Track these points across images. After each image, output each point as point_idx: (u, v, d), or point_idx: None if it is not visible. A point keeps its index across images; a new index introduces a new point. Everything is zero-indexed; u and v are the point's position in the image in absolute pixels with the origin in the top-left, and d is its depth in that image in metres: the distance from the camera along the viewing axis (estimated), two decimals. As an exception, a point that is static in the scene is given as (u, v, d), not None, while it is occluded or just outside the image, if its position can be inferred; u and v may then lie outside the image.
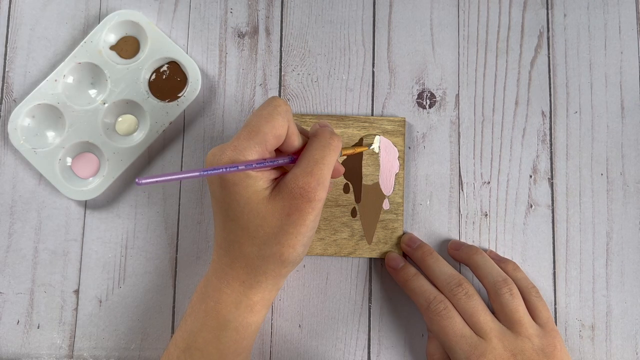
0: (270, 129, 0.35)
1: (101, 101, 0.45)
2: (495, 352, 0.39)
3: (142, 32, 0.46)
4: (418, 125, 0.47)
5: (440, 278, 0.42)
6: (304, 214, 0.35)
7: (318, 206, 0.36)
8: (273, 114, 0.36)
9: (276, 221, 0.35)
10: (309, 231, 0.36)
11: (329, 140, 0.37)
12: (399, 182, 0.46)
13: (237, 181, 0.35)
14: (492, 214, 0.46)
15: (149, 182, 0.31)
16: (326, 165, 0.36)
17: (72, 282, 0.45)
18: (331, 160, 0.36)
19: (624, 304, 0.45)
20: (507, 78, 0.48)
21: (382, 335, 0.45)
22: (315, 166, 0.36)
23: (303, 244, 0.37)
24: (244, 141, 0.35)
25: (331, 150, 0.37)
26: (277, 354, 0.45)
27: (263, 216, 0.36)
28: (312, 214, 0.35)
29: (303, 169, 0.36)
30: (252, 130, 0.35)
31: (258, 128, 0.35)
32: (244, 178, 0.35)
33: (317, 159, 0.36)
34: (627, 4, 0.49)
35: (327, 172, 0.36)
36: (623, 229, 0.46)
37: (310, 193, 0.35)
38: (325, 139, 0.37)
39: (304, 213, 0.35)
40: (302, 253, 0.37)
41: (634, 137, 0.47)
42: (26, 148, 0.45)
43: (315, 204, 0.35)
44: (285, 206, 0.35)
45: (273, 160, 0.36)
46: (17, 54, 0.48)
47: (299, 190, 0.35)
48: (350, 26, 0.48)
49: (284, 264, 0.37)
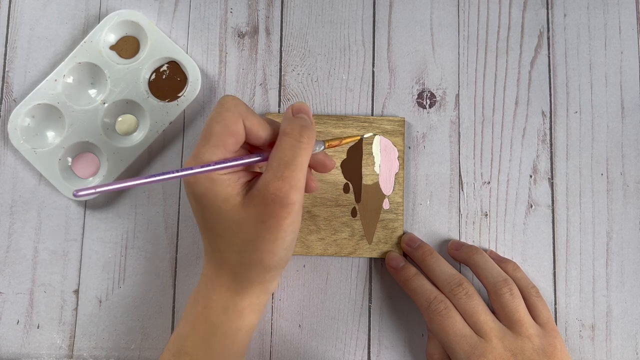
0: (222, 128, 0.34)
1: (101, 101, 0.45)
2: (495, 352, 0.39)
3: (142, 32, 0.46)
4: (418, 125, 0.47)
5: (440, 278, 0.42)
6: (280, 219, 0.34)
7: (294, 209, 0.34)
8: (221, 112, 0.35)
9: (252, 228, 0.34)
10: (288, 235, 0.35)
11: (299, 139, 0.35)
12: (399, 182, 0.46)
13: (204, 191, 0.34)
14: (492, 214, 0.46)
15: (87, 194, 0.31)
16: (298, 166, 0.34)
17: (72, 282, 0.45)
18: (303, 160, 0.35)
19: (624, 304, 0.45)
20: (507, 78, 0.48)
21: (382, 335, 0.45)
22: (286, 169, 0.34)
23: (284, 248, 0.36)
24: (201, 148, 0.34)
25: (301, 150, 0.34)
26: (277, 354, 0.44)
27: (238, 224, 0.35)
28: (288, 219, 0.34)
29: (274, 173, 0.34)
30: (206, 135, 0.35)
31: (211, 131, 0.34)
32: (211, 186, 0.34)
33: (288, 161, 0.34)
34: (627, 4, 0.49)
35: (299, 173, 0.34)
36: (623, 229, 0.46)
37: (283, 199, 0.34)
38: (294, 137, 0.35)
39: (279, 218, 0.34)
40: (284, 257, 0.36)
41: (634, 137, 0.47)
42: (26, 148, 0.45)
43: (291, 208, 0.34)
44: (260, 213, 0.34)
45: (238, 159, 0.35)
46: (17, 53, 0.48)
47: (271, 197, 0.34)
48: (350, 26, 0.48)
49: (267, 270, 0.36)
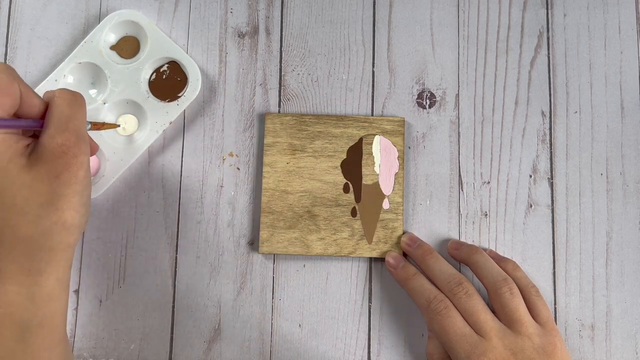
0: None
1: (101, 101, 0.45)
2: (495, 351, 0.39)
3: (142, 32, 0.46)
4: (418, 125, 0.47)
5: (440, 277, 0.42)
6: (74, 170, 0.33)
7: (85, 160, 0.34)
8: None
9: (45, 187, 0.33)
10: (85, 189, 0.34)
11: (75, 97, 0.35)
12: (399, 181, 0.46)
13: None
14: (492, 214, 0.46)
15: None
16: (79, 120, 0.34)
17: (72, 282, 0.45)
18: (82, 116, 0.35)
19: (624, 304, 0.45)
20: (507, 78, 0.48)
21: (382, 335, 0.45)
22: (69, 122, 0.34)
23: (83, 204, 0.34)
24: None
25: (79, 106, 0.35)
26: (277, 354, 0.44)
27: (29, 185, 0.33)
28: (82, 170, 0.34)
29: (57, 128, 0.33)
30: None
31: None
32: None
33: (69, 115, 0.34)
34: (627, 4, 0.49)
35: (82, 127, 0.35)
36: (623, 229, 0.46)
37: (73, 148, 0.33)
38: (69, 95, 0.35)
39: (73, 169, 0.33)
40: (85, 214, 0.35)
41: (634, 137, 0.47)
42: (26, 148, 0.45)
43: (82, 158, 0.34)
44: (51, 168, 0.33)
45: (15, 120, 0.34)
46: (18, 54, 0.48)
47: (60, 149, 0.33)
48: (350, 26, 0.48)
49: (70, 231, 0.34)
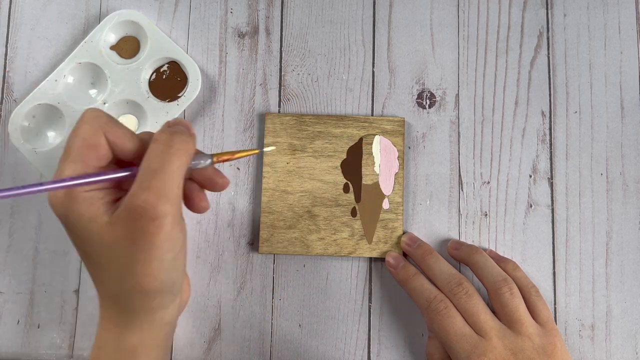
0: (80, 141, 0.31)
1: (101, 101, 0.45)
2: (495, 351, 0.39)
3: (142, 32, 0.46)
4: (418, 125, 0.47)
5: (440, 277, 0.42)
6: (151, 236, 0.30)
7: (165, 222, 0.30)
8: (80, 126, 0.32)
9: (124, 250, 0.31)
10: (166, 253, 0.31)
11: (169, 143, 0.31)
12: (399, 181, 0.46)
13: (65, 211, 0.31)
14: (492, 214, 0.46)
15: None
16: (167, 174, 0.30)
17: (72, 282, 0.45)
18: (174, 168, 0.31)
19: (624, 304, 0.45)
20: (507, 78, 0.48)
21: (382, 335, 0.45)
22: (153, 178, 0.30)
23: (164, 269, 0.32)
24: (60, 164, 0.31)
25: (171, 155, 0.31)
26: (277, 354, 0.44)
27: (109, 246, 0.31)
28: (160, 235, 0.30)
29: (140, 184, 0.30)
30: (66, 150, 0.32)
31: (69, 146, 0.32)
32: (71, 205, 0.31)
33: (156, 169, 0.30)
34: (627, 4, 0.49)
35: (169, 182, 0.30)
36: (623, 229, 0.46)
37: (151, 211, 0.30)
38: (163, 142, 0.31)
39: (149, 235, 0.30)
40: (168, 279, 0.32)
41: (634, 137, 0.47)
42: (27, 148, 0.45)
43: (161, 221, 0.30)
44: (129, 231, 0.30)
45: (100, 174, 0.31)
46: (18, 54, 0.48)
47: (137, 210, 0.30)
48: (350, 26, 0.48)
49: (150, 296, 0.32)
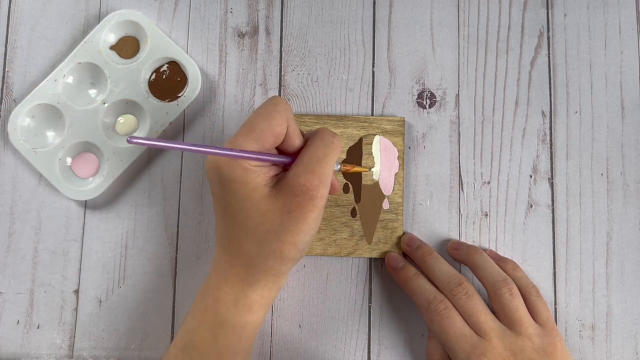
0: (268, 126, 0.35)
1: (101, 101, 0.45)
2: (495, 351, 0.39)
3: (142, 32, 0.46)
4: (418, 125, 0.47)
5: (440, 278, 0.42)
6: (306, 211, 0.35)
7: (320, 204, 0.35)
8: (272, 112, 0.36)
9: (277, 218, 0.35)
10: (311, 229, 0.36)
11: (331, 139, 0.37)
12: (399, 182, 0.46)
13: (236, 177, 0.35)
14: (492, 214, 0.46)
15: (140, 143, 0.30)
16: (328, 164, 0.36)
17: (72, 282, 0.45)
18: (332, 159, 0.36)
19: (624, 304, 0.45)
20: (507, 78, 0.48)
21: (382, 335, 0.45)
22: (317, 164, 0.35)
23: (304, 242, 0.36)
24: (240, 137, 0.35)
25: (333, 149, 0.36)
26: (277, 354, 0.44)
27: (263, 213, 0.35)
28: (314, 212, 0.35)
29: (305, 167, 0.35)
30: (250, 127, 0.36)
31: (255, 125, 0.35)
32: (242, 174, 0.35)
33: (320, 157, 0.36)
34: (627, 4, 0.49)
35: (328, 171, 0.36)
36: (623, 229, 0.46)
37: (312, 191, 0.35)
38: (328, 137, 0.37)
39: (305, 210, 0.35)
40: (302, 251, 0.37)
41: (634, 137, 0.47)
42: (26, 148, 0.45)
43: (317, 202, 0.35)
44: (286, 203, 0.35)
45: (270, 155, 0.36)
46: (17, 53, 0.48)
47: (300, 188, 0.35)
48: (350, 26, 0.48)
49: (284, 261, 0.37)
